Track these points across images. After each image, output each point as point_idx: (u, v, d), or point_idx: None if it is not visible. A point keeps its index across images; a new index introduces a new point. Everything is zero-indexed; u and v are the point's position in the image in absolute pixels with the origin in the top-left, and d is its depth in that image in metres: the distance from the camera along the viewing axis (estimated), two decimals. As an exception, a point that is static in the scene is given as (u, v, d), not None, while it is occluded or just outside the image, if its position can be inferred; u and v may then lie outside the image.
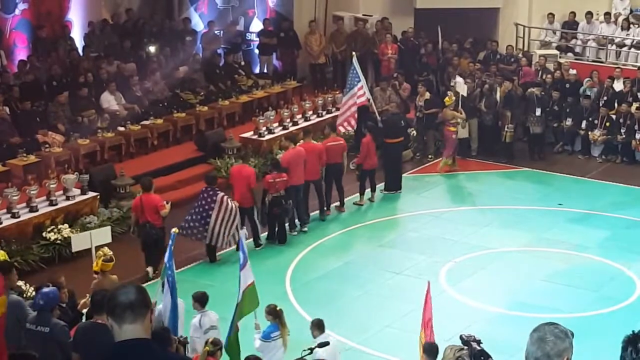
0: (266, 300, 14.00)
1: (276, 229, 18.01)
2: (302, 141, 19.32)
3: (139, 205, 16.41)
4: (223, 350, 11.59)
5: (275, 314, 12.24)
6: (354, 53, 21.83)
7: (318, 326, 12.11)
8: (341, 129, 20.74)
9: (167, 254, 12.14)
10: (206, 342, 11.43)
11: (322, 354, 11.49)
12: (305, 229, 18.58)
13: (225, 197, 16.89)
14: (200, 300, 12.64)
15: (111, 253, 13.46)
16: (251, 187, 17.53)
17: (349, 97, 20.76)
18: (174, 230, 13.41)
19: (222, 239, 16.93)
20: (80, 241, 15.83)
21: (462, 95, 22.16)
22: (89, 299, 10.94)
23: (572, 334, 4.64)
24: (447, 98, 22.05)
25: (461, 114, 21.99)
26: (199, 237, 16.93)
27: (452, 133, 21.82)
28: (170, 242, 12.42)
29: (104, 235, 15.46)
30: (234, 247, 17.01)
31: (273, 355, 12.08)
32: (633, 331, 4.72)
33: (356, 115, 20.76)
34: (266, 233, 18.07)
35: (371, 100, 21.24)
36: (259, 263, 17.10)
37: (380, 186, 20.44)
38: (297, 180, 18.26)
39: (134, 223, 16.55)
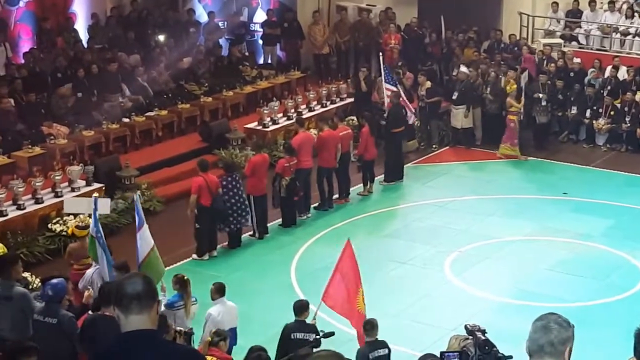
0: (272, 291, 14.06)
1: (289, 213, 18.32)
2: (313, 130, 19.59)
3: (204, 185, 16.49)
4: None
5: (182, 284, 12.51)
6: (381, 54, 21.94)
7: (218, 290, 12.49)
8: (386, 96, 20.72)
9: (93, 219, 12.55)
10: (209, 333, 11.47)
11: (216, 315, 12.06)
12: (310, 214, 18.72)
13: None
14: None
15: (89, 220, 13.56)
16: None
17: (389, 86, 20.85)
18: (95, 194, 13.95)
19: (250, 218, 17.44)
20: (74, 205, 15.66)
21: (524, 84, 22.21)
22: (94, 292, 10.98)
23: (573, 326, 4.65)
24: (508, 86, 22.03)
25: (520, 102, 21.97)
26: (243, 222, 17.24)
27: (510, 121, 21.84)
28: (93, 207, 12.75)
29: (102, 205, 15.22)
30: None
31: (175, 323, 12.18)
32: None
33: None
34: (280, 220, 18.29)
35: (384, 90, 21.16)
36: (264, 253, 17.16)
37: (380, 178, 20.44)
38: (306, 164, 18.46)
39: (194, 204, 16.48)
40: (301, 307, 12.10)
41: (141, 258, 12.29)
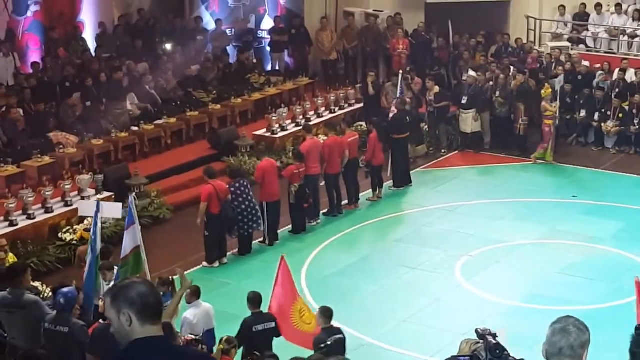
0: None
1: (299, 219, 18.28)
2: (322, 136, 19.52)
3: (214, 192, 16.52)
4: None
5: (169, 284, 12.69)
6: (400, 71, 21.86)
7: (194, 293, 12.56)
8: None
9: (93, 222, 12.86)
10: (220, 340, 11.49)
11: (192, 319, 12.18)
12: (319, 220, 18.72)
13: None
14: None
15: None
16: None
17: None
18: (98, 198, 13.99)
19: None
20: (87, 208, 15.75)
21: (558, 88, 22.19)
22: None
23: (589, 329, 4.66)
24: (543, 90, 22.00)
25: (554, 107, 21.92)
26: (255, 228, 17.29)
27: (545, 126, 21.77)
28: (96, 209, 12.97)
29: (114, 209, 15.28)
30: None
31: None
32: None
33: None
34: (290, 226, 18.29)
35: (391, 96, 21.18)
36: (275, 260, 17.11)
37: (389, 183, 20.42)
38: (314, 170, 18.48)
39: (203, 213, 16.53)
40: (256, 300, 12.19)
41: (123, 255, 12.60)
